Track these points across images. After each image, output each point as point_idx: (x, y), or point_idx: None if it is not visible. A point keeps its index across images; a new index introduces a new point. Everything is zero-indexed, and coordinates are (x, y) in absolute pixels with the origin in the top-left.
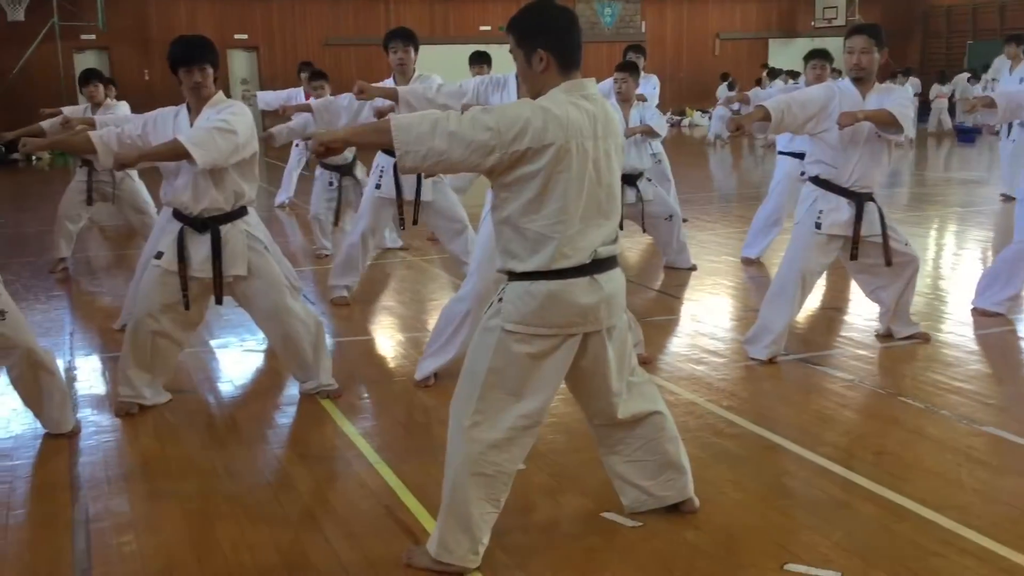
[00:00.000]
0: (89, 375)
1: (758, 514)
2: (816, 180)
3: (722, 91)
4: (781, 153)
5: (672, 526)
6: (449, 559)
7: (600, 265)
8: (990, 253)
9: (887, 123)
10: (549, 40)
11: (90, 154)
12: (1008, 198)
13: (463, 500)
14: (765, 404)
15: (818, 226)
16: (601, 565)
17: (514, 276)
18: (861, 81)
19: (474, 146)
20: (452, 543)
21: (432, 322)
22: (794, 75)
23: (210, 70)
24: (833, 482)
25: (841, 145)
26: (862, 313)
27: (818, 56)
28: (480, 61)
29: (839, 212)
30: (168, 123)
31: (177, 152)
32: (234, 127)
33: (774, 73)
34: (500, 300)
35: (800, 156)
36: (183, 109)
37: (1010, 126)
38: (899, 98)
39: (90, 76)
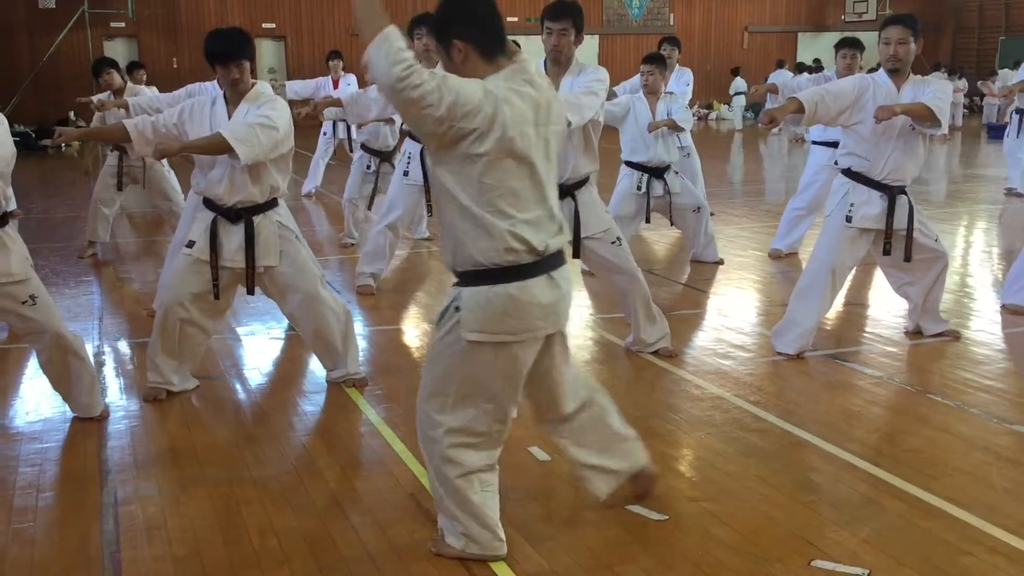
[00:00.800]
0: (118, 360)
1: (785, 510)
2: (848, 172)
3: (737, 85)
4: (815, 143)
5: (698, 520)
6: (478, 550)
7: (554, 260)
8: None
9: (924, 117)
10: (463, 30)
11: (125, 143)
12: (1012, 192)
13: (464, 498)
14: (792, 399)
15: (849, 219)
16: (626, 557)
17: (470, 280)
18: (896, 73)
19: (426, 110)
20: (477, 535)
21: None
22: (810, 68)
23: (247, 64)
24: (861, 479)
25: (874, 137)
26: (890, 309)
27: (849, 45)
28: None
29: (871, 205)
30: (204, 114)
31: (220, 147)
32: (275, 123)
33: (801, 68)
34: (457, 309)
35: (834, 145)
36: (220, 99)
37: (1020, 124)
38: (936, 91)
39: (102, 64)
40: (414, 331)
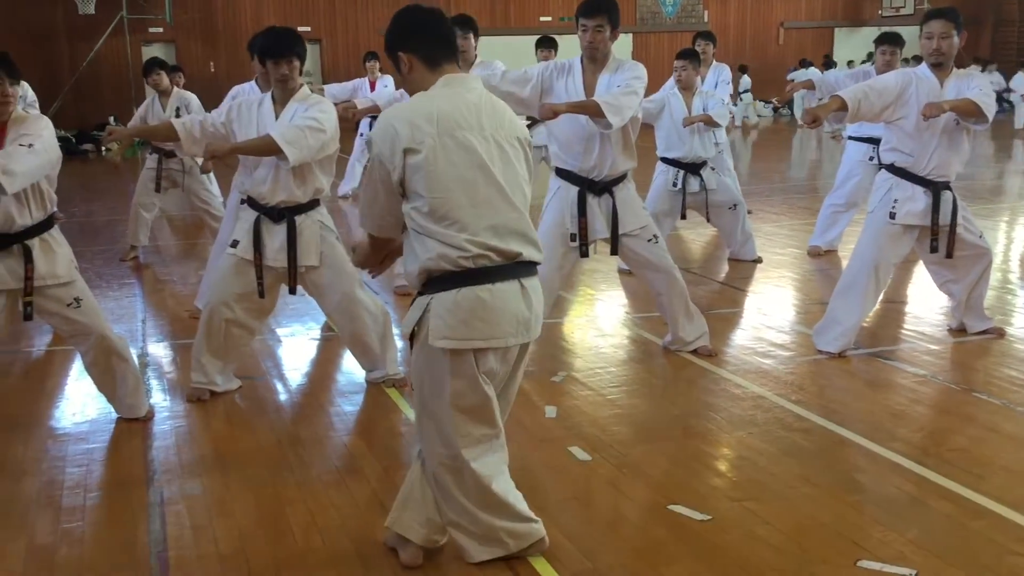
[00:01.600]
0: (161, 361)
1: (830, 510)
2: (891, 168)
3: (745, 82)
4: (850, 138)
5: (742, 520)
6: (523, 543)
7: (526, 270)
8: None
9: (971, 113)
10: (407, 42)
11: (173, 141)
12: None
13: (506, 505)
14: (834, 398)
15: (892, 216)
16: (670, 558)
17: (436, 286)
18: (940, 67)
19: (387, 191)
20: (521, 531)
21: None
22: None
23: (297, 63)
24: (906, 478)
25: (918, 133)
26: (932, 306)
27: (888, 41)
28: (547, 46)
29: (915, 201)
30: (252, 114)
31: (270, 148)
32: (323, 125)
33: (829, 63)
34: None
35: (869, 141)
36: (267, 99)
37: None
38: (981, 85)
39: (153, 64)
40: None
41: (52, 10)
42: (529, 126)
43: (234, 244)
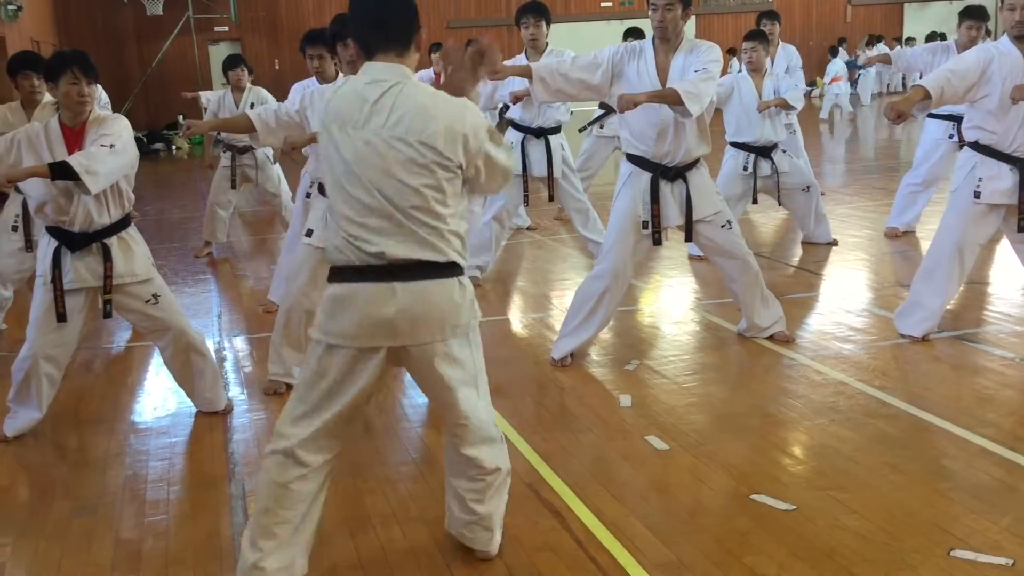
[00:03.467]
0: (238, 355)
1: (919, 498)
2: (975, 146)
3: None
4: (930, 116)
5: (829, 510)
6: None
7: (402, 272)
8: None
9: None
10: (351, 28)
11: (250, 132)
12: None
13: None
14: (919, 383)
15: (977, 195)
16: (754, 548)
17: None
18: (1022, 39)
19: None
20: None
21: (563, 301)
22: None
23: None
24: (997, 464)
25: (1002, 110)
26: (1016, 287)
27: (973, 16)
28: (636, 38)
29: (1000, 180)
30: (325, 100)
31: None
32: None
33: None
34: None
35: (948, 118)
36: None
37: None
38: None
39: (239, 60)
40: (520, 322)
41: (121, 12)
42: (605, 115)
43: (309, 233)
